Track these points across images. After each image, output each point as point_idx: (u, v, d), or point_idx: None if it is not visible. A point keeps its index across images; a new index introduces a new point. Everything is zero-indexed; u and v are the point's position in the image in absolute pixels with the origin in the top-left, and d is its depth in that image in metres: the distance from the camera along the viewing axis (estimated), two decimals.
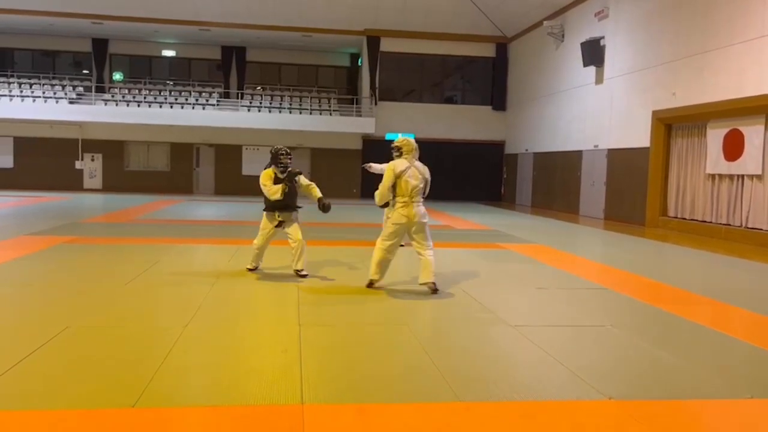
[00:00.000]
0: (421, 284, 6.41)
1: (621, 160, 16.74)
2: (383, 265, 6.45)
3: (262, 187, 7.03)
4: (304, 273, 7.13)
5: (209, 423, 3.19)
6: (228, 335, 4.86)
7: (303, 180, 7.19)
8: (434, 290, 6.35)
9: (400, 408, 3.43)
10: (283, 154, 6.98)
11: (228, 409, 3.35)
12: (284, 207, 7.08)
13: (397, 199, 6.25)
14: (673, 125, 15.10)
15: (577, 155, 19.15)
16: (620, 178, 16.78)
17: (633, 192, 16.13)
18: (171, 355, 4.19)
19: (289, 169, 7.04)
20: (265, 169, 7.12)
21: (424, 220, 6.31)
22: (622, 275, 8.16)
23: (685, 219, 14.63)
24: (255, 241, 7.33)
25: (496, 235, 12.41)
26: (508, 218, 17.22)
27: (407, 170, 6.19)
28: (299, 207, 7.24)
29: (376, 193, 6.41)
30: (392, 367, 4.16)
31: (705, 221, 13.95)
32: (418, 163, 6.33)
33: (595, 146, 18.08)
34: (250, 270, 7.47)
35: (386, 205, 6.56)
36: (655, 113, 15.19)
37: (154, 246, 9.43)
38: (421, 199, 6.32)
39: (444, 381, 3.85)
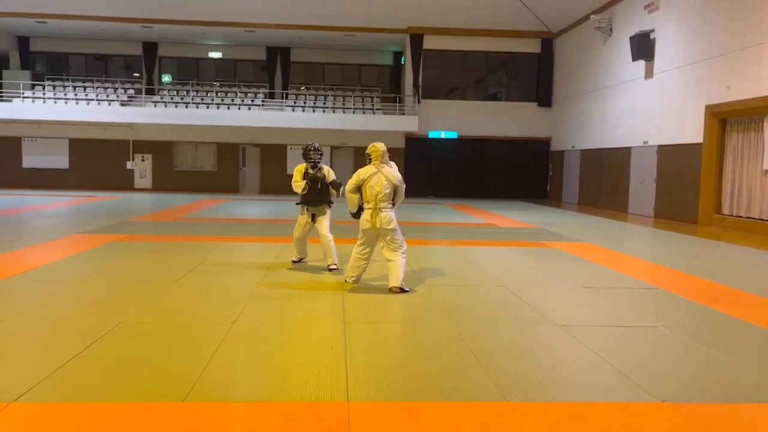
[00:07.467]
0: (389, 289, 6.30)
1: (672, 157, 16.25)
2: (357, 268, 6.54)
3: (292, 181, 7.47)
4: (333, 267, 7.36)
5: (256, 419, 3.23)
6: (274, 332, 4.93)
7: (329, 174, 7.50)
8: (400, 291, 6.24)
9: (446, 407, 3.40)
10: (312, 150, 7.42)
11: (275, 405, 3.39)
12: (311, 201, 7.45)
13: (364, 205, 6.42)
14: (728, 120, 14.57)
15: (626, 152, 18.68)
16: (671, 175, 16.29)
17: (685, 189, 15.64)
18: (219, 351, 4.26)
19: (319, 166, 7.44)
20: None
21: (389, 227, 6.29)
22: (674, 275, 7.91)
23: (740, 217, 14.10)
24: (294, 234, 7.73)
25: (542, 234, 12.22)
26: (554, 216, 16.93)
27: (372, 177, 6.30)
28: (331, 202, 7.57)
29: (346, 193, 6.53)
30: (438, 365, 4.13)
31: (762, 219, 13.42)
32: (387, 169, 6.44)
33: (645, 142, 17.61)
34: (294, 262, 7.84)
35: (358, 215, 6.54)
36: (708, 107, 14.68)
37: (202, 244, 9.63)
38: (389, 205, 6.33)
39: (490, 380, 3.81)
